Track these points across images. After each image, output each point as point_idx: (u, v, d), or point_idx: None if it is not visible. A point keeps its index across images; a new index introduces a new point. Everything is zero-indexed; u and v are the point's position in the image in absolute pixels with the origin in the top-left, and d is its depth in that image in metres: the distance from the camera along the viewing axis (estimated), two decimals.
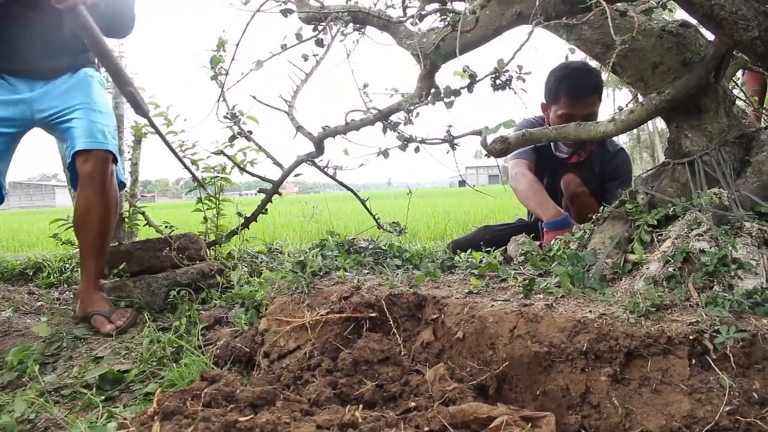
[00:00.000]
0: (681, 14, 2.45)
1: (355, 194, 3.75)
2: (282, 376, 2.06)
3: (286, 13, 2.41)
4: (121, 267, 3.19)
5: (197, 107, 3.37)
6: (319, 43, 2.74)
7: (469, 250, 2.90)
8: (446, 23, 2.26)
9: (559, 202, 3.74)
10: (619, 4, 2.19)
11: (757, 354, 1.66)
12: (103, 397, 2.25)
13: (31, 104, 3.02)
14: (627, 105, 3.30)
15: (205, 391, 1.78)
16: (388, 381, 1.90)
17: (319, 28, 2.70)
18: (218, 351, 2.49)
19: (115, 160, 3.08)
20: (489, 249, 2.82)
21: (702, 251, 2.01)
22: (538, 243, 2.82)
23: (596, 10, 1.84)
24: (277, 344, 2.23)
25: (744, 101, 3.43)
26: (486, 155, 2.56)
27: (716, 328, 1.69)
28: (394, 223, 3.93)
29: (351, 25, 2.95)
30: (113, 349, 2.73)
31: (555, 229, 3.20)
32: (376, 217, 3.81)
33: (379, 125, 2.88)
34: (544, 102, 3.75)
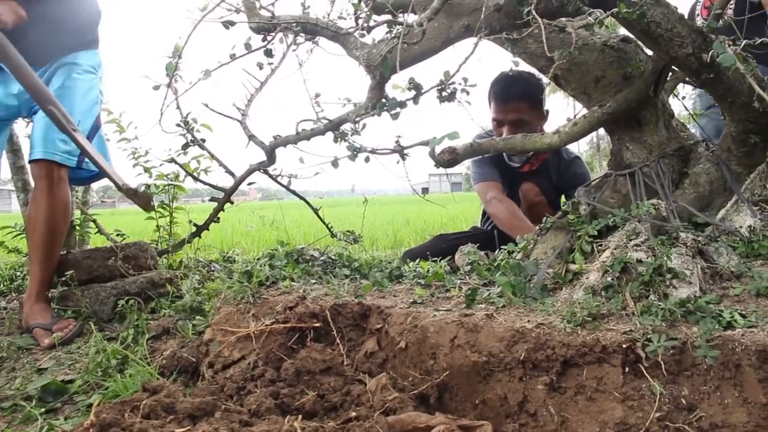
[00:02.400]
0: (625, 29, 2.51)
1: (308, 203, 3.75)
2: (225, 386, 2.05)
3: (227, 24, 2.41)
4: (68, 275, 3.14)
5: (153, 114, 3.35)
6: (268, 53, 2.74)
7: (418, 260, 2.93)
8: (393, 35, 2.28)
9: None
10: (559, 20, 2.24)
11: (687, 361, 1.71)
12: (43, 409, 2.22)
13: (19, 95, 3.08)
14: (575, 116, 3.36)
15: (145, 402, 1.77)
16: (330, 391, 1.91)
17: (269, 38, 2.71)
18: (164, 361, 2.47)
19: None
20: (438, 259, 2.84)
21: (639, 261, 2.05)
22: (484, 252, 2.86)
23: (535, 26, 1.88)
24: (221, 354, 2.23)
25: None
26: (435, 165, 2.58)
27: (648, 336, 1.73)
28: (348, 231, 3.94)
29: (303, 35, 2.96)
30: (58, 359, 2.69)
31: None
32: (330, 226, 3.81)
33: (330, 135, 2.89)
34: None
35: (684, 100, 2.99)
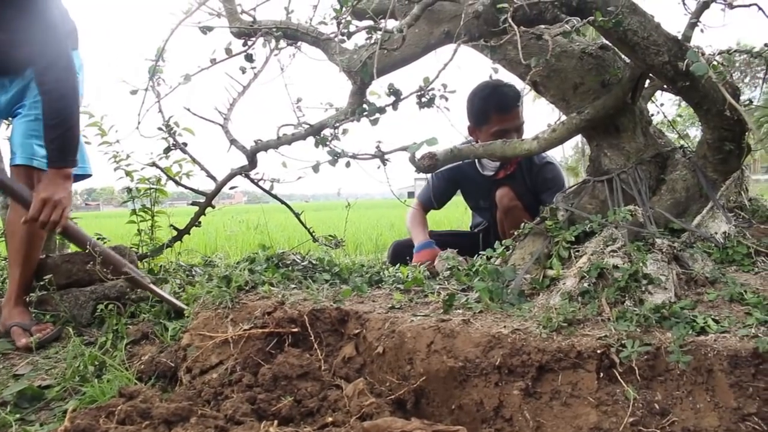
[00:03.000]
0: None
1: (289, 207, 3.75)
2: (203, 391, 2.05)
3: (205, 30, 2.41)
4: (47, 280, 3.12)
5: (135, 117, 3.33)
6: (249, 58, 2.74)
7: (398, 264, 2.94)
8: (372, 41, 2.29)
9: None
10: (537, 27, 2.26)
11: (660, 366, 1.73)
12: (18, 416, 2.20)
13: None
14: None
15: (121, 407, 1.76)
16: (307, 396, 1.91)
17: (249, 43, 2.71)
18: (143, 366, 2.46)
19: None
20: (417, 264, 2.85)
21: (616, 267, 2.07)
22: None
23: (512, 33, 1.89)
24: (199, 359, 2.22)
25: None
26: (415, 171, 2.59)
27: (623, 342, 1.75)
28: (330, 236, 3.93)
29: (284, 40, 2.96)
30: (35, 364, 2.67)
31: (419, 251, 3.81)
32: (311, 230, 3.81)
33: (311, 139, 2.89)
34: (471, 125, 3.80)
35: (663, 107, 3.01)
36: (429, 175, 4.24)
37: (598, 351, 1.74)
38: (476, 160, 4.05)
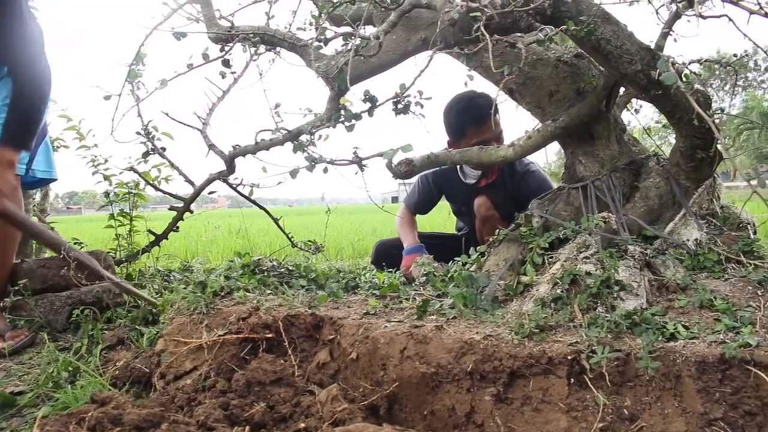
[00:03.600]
0: None
1: (267, 213, 3.75)
2: (176, 397, 2.04)
3: (179, 36, 2.41)
4: (21, 284, 3.09)
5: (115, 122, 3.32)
6: (226, 63, 2.74)
7: (382, 264, 2.95)
8: (348, 48, 2.30)
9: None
10: (512, 35, 2.27)
11: (630, 372, 1.75)
12: None
13: None
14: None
15: (91, 414, 1.75)
16: (280, 402, 1.91)
17: (226, 48, 2.71)
18: (117, 372, 2.45)
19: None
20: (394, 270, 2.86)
21: (588, 273, 2.09)
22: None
23: (485, 41, 1.91)
24: (173, 365, 2.22)
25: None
26: (393, 177, 2.60)
27: (593, 348, 1.76)
28: (309, 241, 3.94)
29: (263, 46, 2.97)
30: (8, 371, 2.65)
31: (408, 254, 3.77)
32: (290, 235, 3.81)
33: (289, 145, 2.89)
34: (450, 140, 3.81)
35: (643, 114, 3.04)
36: (415, 179, 4.33)
37: (569, 357, 1.76)
38: (458, 168, 4.06)
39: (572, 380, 1.76)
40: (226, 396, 1.96)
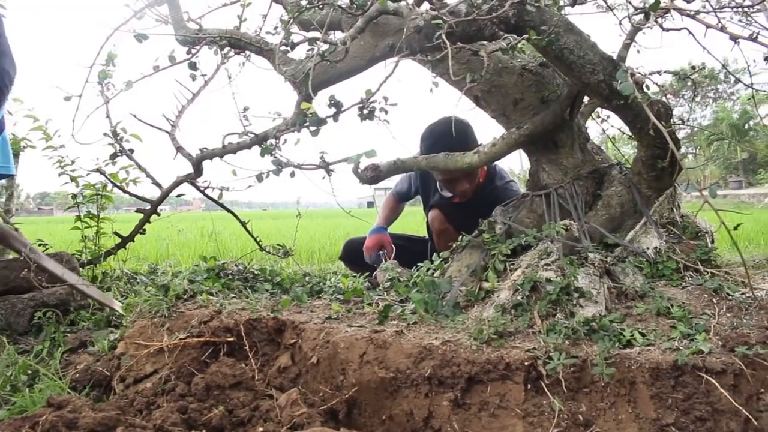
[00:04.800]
0: None
1: (235, 216, 3.73)
2: (135, 400, 2.02)
3: (140, 38, 2.40)
4: None
5: (84, 123, 3.28)
6: (192, 66, 2.73)
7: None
8: (314, 53, 2.30)
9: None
10: (478, 43, 2.29)
11: (586, 378, 1.77)
12: None
13: None
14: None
15: (46, 417, 1.73)
16: (239, 406, 1.91)
17: (193, 51, 2.70)
18: (77, 375, 2.42)
19: None
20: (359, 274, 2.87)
21: (548, 280, 2.11)
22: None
23: (446, 50, 1.93)
24: (133, 368, 2.20)
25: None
26: (360, 182, 2.61)
27: (550, 354, 1.78)
28: (278, 245, 3.92)
29: (231, 49, 2.96)
30: None
31: (370, 235, 4.07)
32: (258, 239, 3.80)
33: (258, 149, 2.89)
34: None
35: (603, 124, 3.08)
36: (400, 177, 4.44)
37: (526, 363, 1.77)
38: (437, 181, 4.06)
39: (529, 386, 1.78)
40: (185, 400, 1.95)
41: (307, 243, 8.49)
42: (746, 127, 37.07)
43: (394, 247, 3.96)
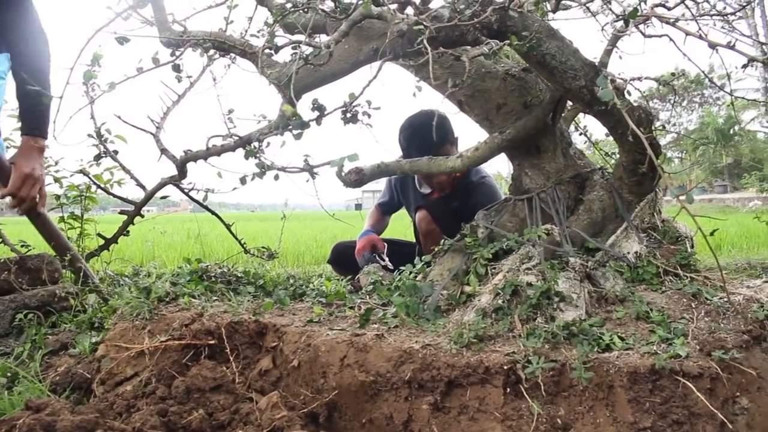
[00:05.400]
0: None
1: (219, 218, 3.73)
2: (115, 403, 2.02)
3: (122, 41, 2.39)
4: None
5: (68, 124, 3.26)
6: (176, 68, 2.72)
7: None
8: (297, 57, 2.30)
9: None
10: (462, 48, 2.31)
11: (565, 382, 1.78)
12: None
13: None
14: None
15: (23, 421, 1.72)
16: (219, 409, 1.90)
17: (177, 53, 2.69)
18: (58, 378, 2.41)
19: None
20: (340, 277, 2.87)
21: (529, 284, 2.13)
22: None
23: (429, 54, 1.94)
24: (113, 371, 2.19)
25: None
26: (343, 185, 2.61)
27: (529, 358, 1.79)
28: (263, 247, 3.92)
29: (216, 51, 2.96)
30: None
31: (359, 238, 4.08)
32: (242, 241, 3.79)
33: (241, 151, 2.88)
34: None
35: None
36: (385, 180, 4.49)
37: (506, 367, 1.79)
38: (415, 177, 4.09)
39: (508, 390, 1.79)
40: (165, 403, 1.95)
41: (293, 245, 8.49)
42: (731, 132, 37.39)
43: (386, 245, 3.98)
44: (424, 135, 3.53)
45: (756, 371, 1.83)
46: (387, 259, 3.76)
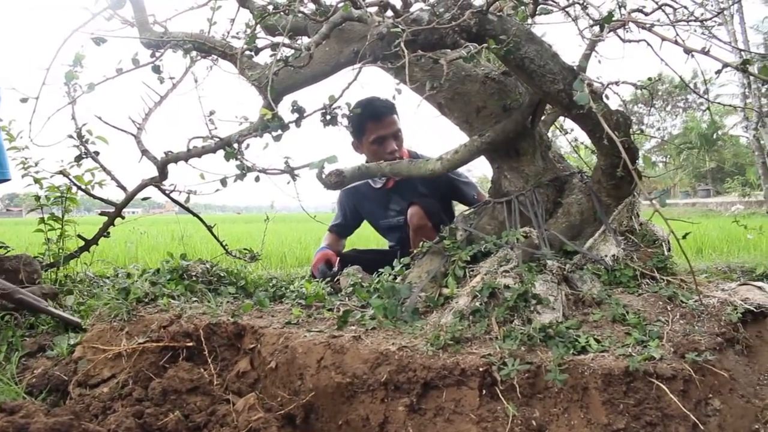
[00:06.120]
0: None
1: (201, 220, 3.71)
2: (91, 405, 2.01)
3: (98, 41, 2.38)
4: None
5: (49, 124, 3.23)
6: (156, 69, 2.72)
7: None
8: (276, 59, 2.30)
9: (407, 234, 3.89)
10: (441, 51, 2.32)
11: (540, 384, 1.79)
12: None
13: None
14: None
15: None
16: (195, 411, 1.90)
17: (157, 54, 2.69)
18: (34, 380, 2.39)
19: None
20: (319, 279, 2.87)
21: (507, 287, 2.14)
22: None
23: (407, 57, 1.94)
24: (90, 373, 2.18)
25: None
26: (324, 188, 2.61)
27: (505, 360, 1.80)
28: (245, 249, 3.91)
29: (198, 53, 2.95)
30: None
31: (316, 254, 4.16)
32: (224, 243, 3.78)
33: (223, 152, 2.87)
34: (354, 141, 3.89)
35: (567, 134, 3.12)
36: (336, 201, 4.52)
37: (481, 369, 1.79)
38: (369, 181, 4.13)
39: (484, 391, 1.80)
40: (142, 404, 1.94)
41: (277, 247, 8.47)
42: (715, 136, 37.73)
43: (338, 258, 4.01)
44: (377, 104, 3.73)
45: (728, 373, 1.85)
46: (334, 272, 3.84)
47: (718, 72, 2.11)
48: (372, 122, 3.72)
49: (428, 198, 3.93)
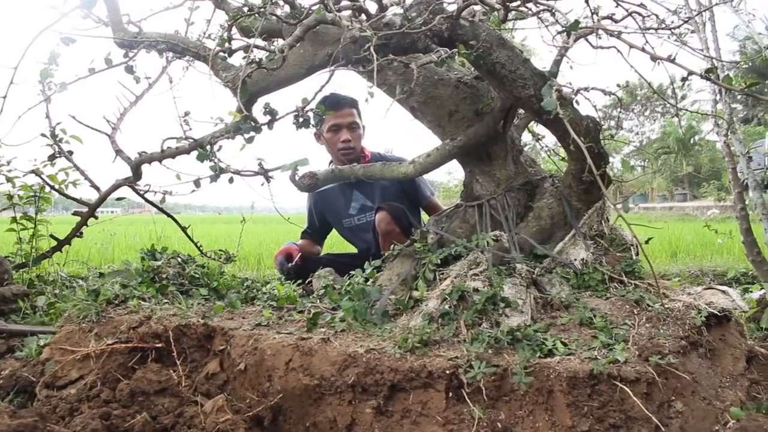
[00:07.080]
0: None
1: (175, 221, 3.71)
2: (58, 407, 2.00)
3: (67, 42, 2.37)
4: None
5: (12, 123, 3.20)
6: (129, 69, 2.71)
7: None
8: (249, 61, 2.30)
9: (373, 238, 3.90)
10: (410, 56, 2.33)
11: (506, 387, 1.81)
12: None
13: None
14: None
15: None
16: (163, 412, 1.90)
17: (130, 54, 2.68)
18: (1, 381, 2.37)
19: None
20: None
21: (476, 290, 2.15)
22: None
23: (378, 61, 1.96)
24: (58, 374, 2.16)
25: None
26: (299, 190, 2.62)
27: (472, 363, 1.82)
28: (220, 250, 3.90)
29: (172, 53, 2.94)
30: None
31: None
32: (198, 244, 3.77)
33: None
34: (316, 131, 3.93)
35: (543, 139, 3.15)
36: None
37: (448, 371, 1.81)
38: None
39: (450, 394, 1.81)
40: (109, 406, 1.93)
41: (255, 248, 8.45)
42: (692, 141, 38.18)
43: (299, 254, 4.07)
44: (336, 95, 3.88)
45: (691, 376, 1.88)
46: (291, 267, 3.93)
47: (684, 79, 2.14)
48: (331, 110, 3.78)
49: (390, 192, 4.02)
